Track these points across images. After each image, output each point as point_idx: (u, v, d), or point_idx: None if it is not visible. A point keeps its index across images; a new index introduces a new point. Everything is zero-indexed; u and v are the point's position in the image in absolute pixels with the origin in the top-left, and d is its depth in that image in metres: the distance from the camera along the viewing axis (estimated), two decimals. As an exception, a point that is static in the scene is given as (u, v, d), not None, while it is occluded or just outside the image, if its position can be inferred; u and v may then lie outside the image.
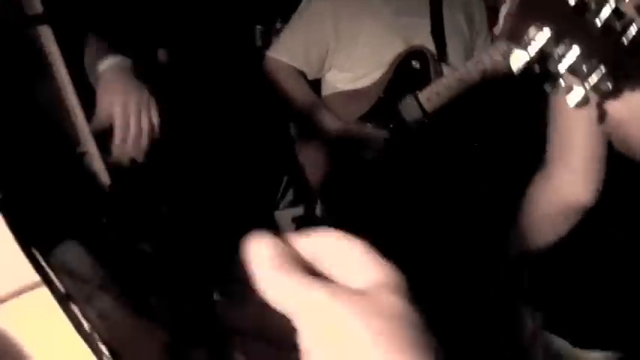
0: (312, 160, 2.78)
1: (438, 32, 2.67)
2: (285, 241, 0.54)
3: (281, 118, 2.97)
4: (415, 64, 2.66)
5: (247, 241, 0.53)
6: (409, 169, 2.61)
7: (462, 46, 2.73)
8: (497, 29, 0.93)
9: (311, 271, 0.53)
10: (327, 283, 0.51)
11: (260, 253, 0.53)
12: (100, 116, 1.49)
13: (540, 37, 0.95)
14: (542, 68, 0.99)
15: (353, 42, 2.68)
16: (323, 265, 0.54)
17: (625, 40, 0.97)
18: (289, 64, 2.76)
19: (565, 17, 0.94)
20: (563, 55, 0.97)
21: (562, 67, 0.98)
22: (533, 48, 0.96)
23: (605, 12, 0.95)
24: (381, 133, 2.65)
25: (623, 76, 1.01)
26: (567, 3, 0.93)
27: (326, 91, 2.80)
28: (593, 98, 1.03)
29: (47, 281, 0.61)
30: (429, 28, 2.69)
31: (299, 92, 2.74)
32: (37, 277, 0.61)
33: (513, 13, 0.93)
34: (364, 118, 2.69)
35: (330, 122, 2.67)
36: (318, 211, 2.86)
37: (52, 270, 0.62)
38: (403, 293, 0.51)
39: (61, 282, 0.62)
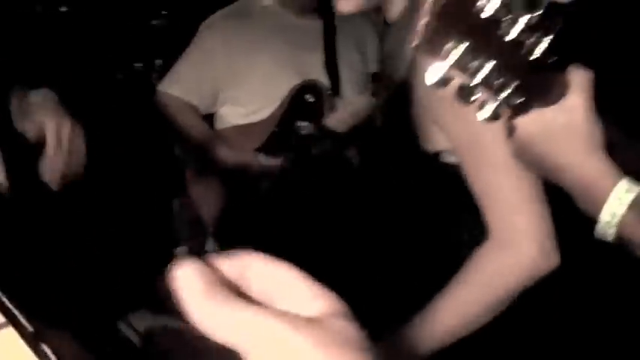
0: (204, 195, 2.76)
1: (331, 65, 2.71)
2: (209, 265, 0.51)
3: (172, 152, 2.95)
4: (309, 97, 2.68)
5: (171, 271, 0.50)
6: (305, 201, 2.62)
7: (356, 79, 2.77)
8: (415, 41, 0.94)
9: (241, 295, 0.50)
10: (280, 311, 0.49)
11: (189, 284, 0.49)
12: (32, 133, 1.49)
13: (456, 50, 0.97)
14: (458, 82, 1.01)
15: (246, 76, 2.69)
16: (251, 289, 0.52)
17: (536, 56, 1.00)
18: (181, 98, 2.73)
19: (480, 31, 0.97)
20: (477, 69, 0.99)
21: (476, 81, 1.00)
22: (450, 61, 0.97)
23: (517, 28, 0.98)
24: (275, 163, 2.66)
25: (534, 91, 1.05)
26: (482, 18, 0.96)
27: (220, 125, 2.79)
28: (504, 113, 1.06)
29: (14, 322, 0.57)
30: (322, 63, 2.72)
31: (192, 126, 2.72)
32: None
33: (431, 26, 0.95)
34: (258, 152, 2.69)
35: (224, 154, 2.65)
36: (208, 246, 2.83)
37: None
38: (351, 320, 0.50)
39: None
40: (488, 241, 1.47)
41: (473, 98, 1.02)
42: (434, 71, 0.99)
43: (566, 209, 1.17)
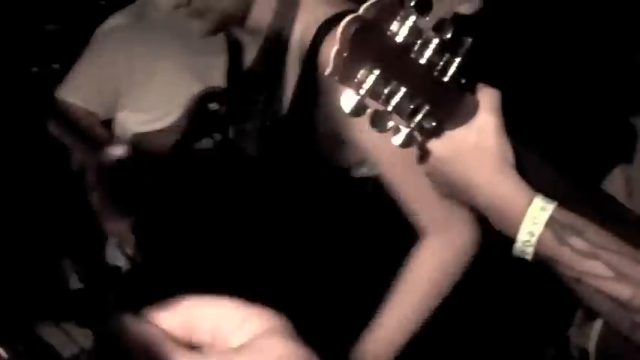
0: (106, 203, 2.68)
1: (234, 73, 2.66)
2: (151, 323, 0.51)
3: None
4: (212, 106, 2.63)
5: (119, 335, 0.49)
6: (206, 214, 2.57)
7: None
8: (328, 69, 0.92)
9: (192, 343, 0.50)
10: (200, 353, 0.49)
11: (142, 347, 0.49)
12: None
13: (370, 77, 0.95)
14: (372, 109, 0.99)
15: (147, 82, 2.62)
16: (197, 334, 0.51)
17: (446, 78, 1.00)
18: (80, 105, 2.65)
19: (393, 57, 0.96)
20: (390, 95, 0.98)
21: (389, 107, 0.99)
22: (363, 88, 0.96)
23: (428, 51, 0.97)
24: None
25: (445, 113, 1.04)
26: (395, 42, 0.95)
27: (119, 131, 2.70)
28: (417, 137, 1.05)
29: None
30: (224, 69, 2.67)
31: (91, 134, 2.63)
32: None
33: (344, 53, 0.93)
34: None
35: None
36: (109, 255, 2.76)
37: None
38: (289, 334, 0.50)
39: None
40: (425, 240, 1.57)
41: (388, 125, 1.01)
42: (347, 98, 0.97)
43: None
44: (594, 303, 1.12)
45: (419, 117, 1.01)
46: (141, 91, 2.62)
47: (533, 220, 1.06)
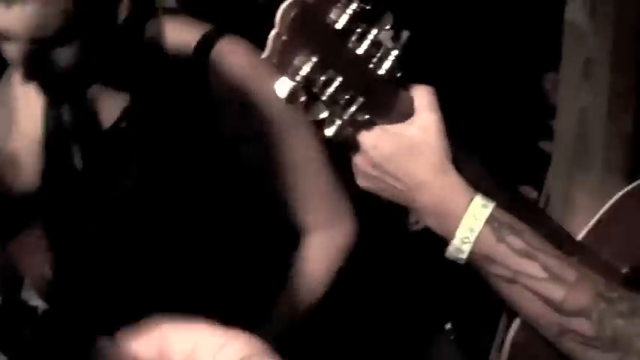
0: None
1: None
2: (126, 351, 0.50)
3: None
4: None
5: None
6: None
7: None
8: (265, 53, 0.92)
9: None
10: None
11: None
12: None
13: (307, 64, 0.95)
14: (306, 96, 0.99)
15: None
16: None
17: (382, 71, 1.00)
18: None
19: (331, 45, 0.95)
20: (326, 84, 0.97)
21: (324, 97, 0.98)
22: (299, 75, 0.95)
23: (366, 42, 0.98)
24: None
25: (379, 107, 1.05)
26: (334, 29, 0.95)
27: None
28: (350, 129, 1.05)
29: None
30: None
31: None
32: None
33: (281, 38, 0.92)
34: None
35: None
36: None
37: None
38: (270, 356, 0.50)
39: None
40: (313, 235, 1.67)
41: (322, 115, 1.00)
42: (282, 85, 0.96)
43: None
44: (524, 305, 1.12)
45: (352, 108, 1.00)
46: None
47: (474, 217, 1.07)
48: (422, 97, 1.07)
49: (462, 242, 1.07)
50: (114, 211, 1.69)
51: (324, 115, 1.00)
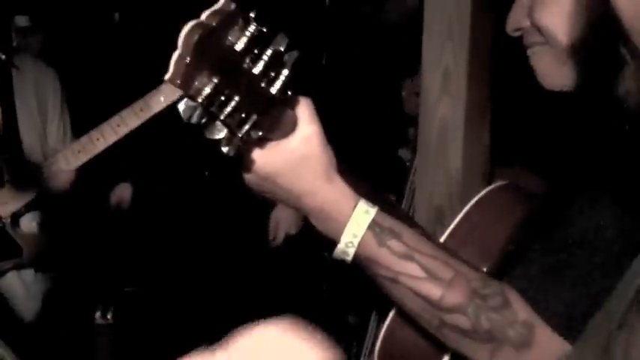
0: None
1: (10, 126, 2.57)
2: None
3: None
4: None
5: None
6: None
7: (38, 141, 2.65)
8: (167, 75, 0.94)
9: None
10: None
11: None
12: None
13: (208, 85, 0.98)
14: (205, 116, 1.02)
15: None
16: None
17: (274, 90, 1.05)
18: None
19: (230, 67, 0.99)
20: (224, 104, 1.01)
21: (222, 116, 1.02)
22: (201, 97, 0.98)
23: (262, 62, 1.02)
24: None
25: (271, 124, 1.09)
26: (233, 50, 0.99)
27: None
28: (245, 146, 1.09)
29: None
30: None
31: None
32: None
33: (185, 60, 0.95)
34: None
35: None
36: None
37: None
38: None
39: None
40: None
41: (221, 134, 1.04)
42: (185, 105, 0.99)
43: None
44: (407, 303, 1.20)
45: (247, 126, 1.04)
46: None
47: (357, 223, 1.14)
48: (302, 110, 1.14)
49: (347, 246, 1.14)
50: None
51: (222, 134, 1.03)
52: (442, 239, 1.53)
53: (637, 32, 0.71)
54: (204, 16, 0.96)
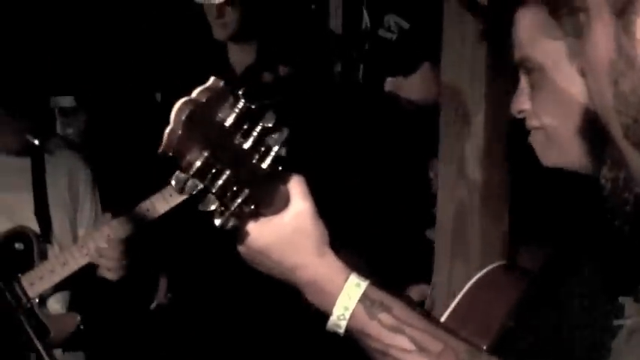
0: None
1: (41, 210, 2.65)
2: None
3: None
4: (18, 245, 2.60)
5: None
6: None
7: (69, 225, 2.73)
8: (160, 148, 1.01)
9: None
10: None
11: None
12: None
13: (199, 159, 1.03)
14: (197, 189, 1.07)
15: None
16: None
17: (265, 165, 1.10)
18: None
19: (220, 141, 1.05)
20: (216, 177, 1.06)
21: (214, 189, 1.07)
22: (192, 169, 1.04)
23: (251, 138, 1.08)
24: None
25: (263, 198, 1.14)
26: (223, 126, 1.05)
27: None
28: (237, 219, 1.13)
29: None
30: (32, 206, 2.65)
31: None
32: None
33: (176, 133, 1.01)
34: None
35: None
36: None
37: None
38: None
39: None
40: None
41: (213, 206, 1.09)
42: (177, 178, 1.05)
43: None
44: None
45: (239, 200, 1.09)
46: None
47: (348, 296, 1.18)
48: (294, 186, 1.19)
49: (339, 319, 1.17)
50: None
51: (214, 206, 1.08)
52: (443, 318, 1.56)
53: (608, 121, 0.74)
54: (194, 94, 1.03)
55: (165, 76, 3.19)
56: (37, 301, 2.58)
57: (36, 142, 2.55)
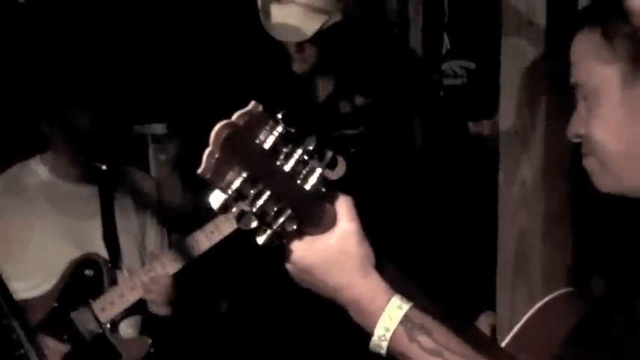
0: None
1: (110, 237, 2.71)
2: None
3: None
4: (88, 272, 2.67)
5: None
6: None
7: (137, 250, 2.79)
8: (199, 169, 1.05)
9: None
10: None
11: None
12: None
13: (238, 179, 1.06)
14: (238, 208, 1.10)
15: (22, 252, 2.65)
16: None
17: (309, 186, 1.12)
18: None
19: (260, 162, 1.07)
20: (256, 197, 1.09)
21: (254, 208, 1.10)
22: (230, 189, 1.07)
23: (293, 160, 1.10)
24: (59, 347, 2.59)
25: (307, 218, 1.16)
26: (263, 149, 1.07)
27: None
28: (281, 238, 1.16)
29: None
30: (101, 232, 2.72)
31: None
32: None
33: (214, 156, 1.04)
34: (39, 329, 2.60)
35: None
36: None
37: None
38: None
39: None
40: None
41: (253, 225, 1.11)
42: (216, 197, 1.08)
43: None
44: None
45: (281, 219, 1.11)
46: (17, 260, 2.63)
47: (390, 317, 1.19)
48: (341, 207, 1.20)
49: (380, 339, 1.18)
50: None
51: (254, 225, 1.11)
52: (504, 343, 1.54)
53: None
54: (234, 117, 1.06)
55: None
56: (108, 326, 2.63)
57: (104, 167, 2.62)
